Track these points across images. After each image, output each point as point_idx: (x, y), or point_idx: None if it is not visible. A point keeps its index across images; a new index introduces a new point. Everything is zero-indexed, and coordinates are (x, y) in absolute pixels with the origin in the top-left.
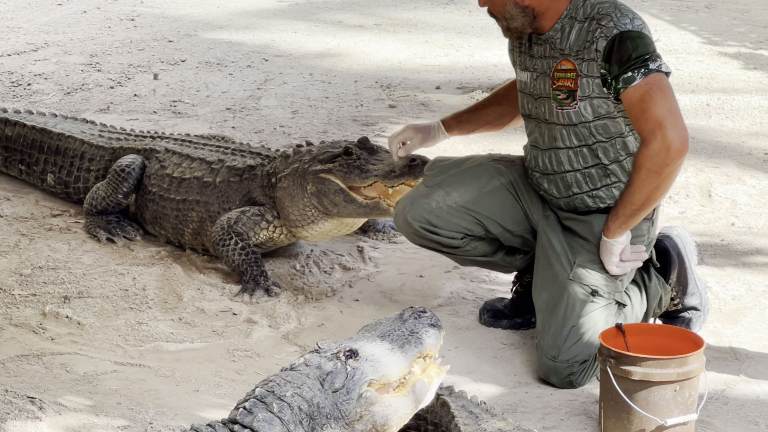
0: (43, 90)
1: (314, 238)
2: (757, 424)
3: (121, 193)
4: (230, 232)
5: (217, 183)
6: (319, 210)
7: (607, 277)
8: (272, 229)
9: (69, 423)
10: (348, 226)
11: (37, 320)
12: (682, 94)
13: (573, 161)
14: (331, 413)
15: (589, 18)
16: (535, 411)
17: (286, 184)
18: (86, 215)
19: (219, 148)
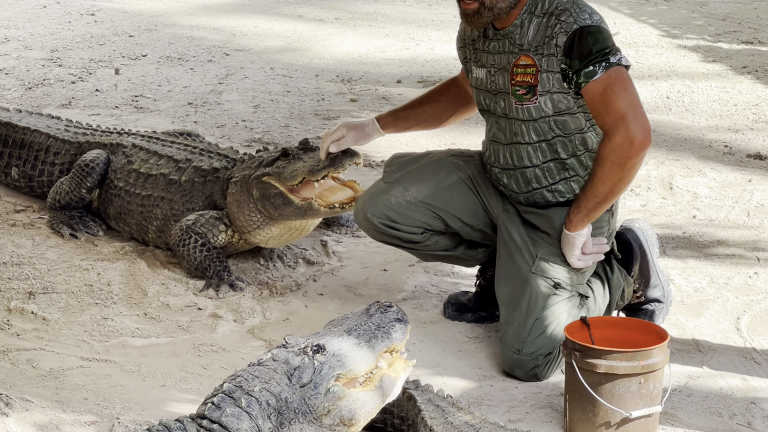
0: (4, 85)
1: (267, 243)
2: (721, 416)
3: (85, 187)
4: (189, 232)
5: (182, 182)
6: (264, 215)
7: (569, 270)
8: (230, 233)
9: (36, 419)
10: (297, 230)
11: (2, 316)
12: (642, 87)
13: (533, 157)
14: (299, 408)
15: (547, 13)
16: (501, 404)
17: (235, 190)
18: (50, 210)
19: (187, 147)
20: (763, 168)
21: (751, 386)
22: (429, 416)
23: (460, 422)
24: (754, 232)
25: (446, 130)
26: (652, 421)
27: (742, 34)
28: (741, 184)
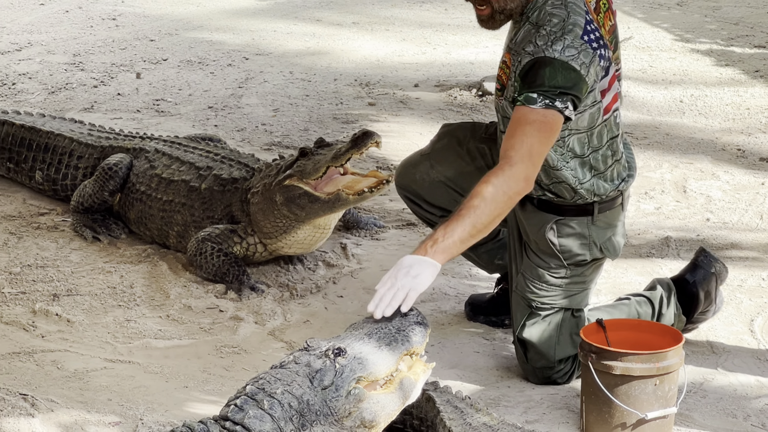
0: (28, 89)
1: (291, 249)
2: (735, 417)
3: (108, 190)
4: (205, 241)
5: (202, 189)
6: (290, 218)
7: (548, 289)
8: (245, 246)
9: (61, 420)
10: (321, 229)
11: (27, 318)
12: (655, 91)
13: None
14: (320, 410)
15: (536, 24)
16: (518, 405)
17: (257, 200)
18: (73, 213)
19: (209, 154)
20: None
21: (765, 387)
22: (448, 417)
23: (479, 423)
24: (767, 235)
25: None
26: (668, 422)
27: (755, 38)
28: (754, 188)
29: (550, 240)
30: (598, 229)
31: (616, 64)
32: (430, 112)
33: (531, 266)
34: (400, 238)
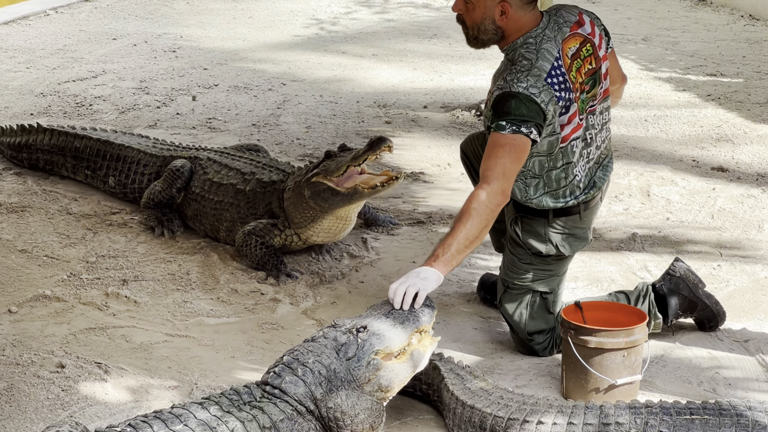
0: (102, 110)
1: (320, 237)
2: (690, 383)
3: (175, 188)
4: (250, 235)
5: (247, 191)
6: (316, 209)
7: (522, 273)
8: (284, 237)
9: (129, 384)
10: (342, 220)
11: (101, 299)
12: (624, 112)
13: None
14: (344, 377)
15: (510, 61)
16: (509, 373)
17: (290, 196)
18: (144, 208)
19: (252, 161)
20: (725, 178)
21: (715, 359)
22: (451, 383)
23: (476, 388)
24: (717, 232)
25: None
26: (634, 387)
27: (707, 68)
28: (706, 192)
29: (515, 231)
30: (554, 231)
31: (593, 100)
32: (436, 129)
33: (507, 251)
34: (411, 234)
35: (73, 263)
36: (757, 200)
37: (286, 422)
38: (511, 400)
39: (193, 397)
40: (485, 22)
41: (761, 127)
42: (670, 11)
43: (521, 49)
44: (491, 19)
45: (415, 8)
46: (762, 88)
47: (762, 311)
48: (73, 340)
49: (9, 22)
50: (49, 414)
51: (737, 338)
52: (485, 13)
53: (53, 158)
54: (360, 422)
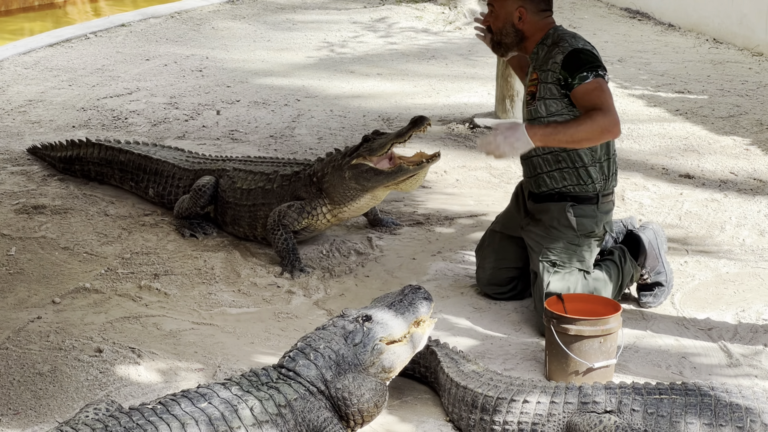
0: (136, 123)
1: (354, 212)
2: (660, 366)
3: (199, 205)
4: (279, 223)
5: (274, 188)
6: (358, 189)
7: (566, 254)
8: (312, 217)
9: (160, 366)
10: (376, 199)
11: (135, 291)
12: None
13: (538, 148)
14: (352, 361)
15: (553, 43)
16: (498, 357)
17: (330, 178)
18: (175, 218)
19: (273, 162)
20: (691, 184)
21: (682, 345)
22: (446, 366)
23: (469, 370)
24: (684, 231)
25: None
26: (610, 370)
27: (676, 86)
28: (675, 197)
29: (569, 218)
30: (601, 212)
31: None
32: (434, 141)
33: (553, 240)
34: (411, 234)
35: (110, 259)
36: (720, 204)
37: (299, 401)
38: (500, 381)
39: (217, 378)
40: (506, 26)
41: (723, 138)
42: (643, 35)
43: (558, 32)
44: (511, 24)
45: (416, 33)
46: (724, 104)
47: (724, 303)
48: (110, 327)
49: (53, 44)
50: (88, 393)
51: (702, 327)
52: (506, 18)
53: (103, 170)
54: (366, 401)
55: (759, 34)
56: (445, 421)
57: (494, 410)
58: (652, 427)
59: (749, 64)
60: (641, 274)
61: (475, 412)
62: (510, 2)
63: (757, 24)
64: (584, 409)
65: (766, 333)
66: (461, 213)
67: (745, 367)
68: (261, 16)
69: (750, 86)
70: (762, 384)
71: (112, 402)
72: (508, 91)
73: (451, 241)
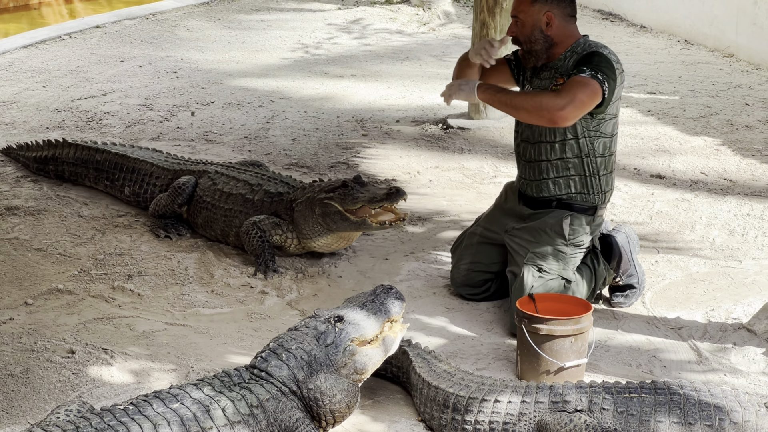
0: (111, 124)
1: (320, 248)
2: (630, 365)
3: (177, 203)
4: (255, 226)
5: (255, 200)
6: (323, 226)
7: (553, 261)
8: (284, 238)
9: (132, 367)
10: (344, 240)
11: (108, 292)
12: None
13: (549, 153)
14: (324, 362)
15: (581, 52)
16: (470, 357)
17: (301, 208)
18: (151, 217)
19: (258, 174)
20: (662, 185)
21: (652, 344)
22: (418, 366)
23: (441, 370)
24: (655, 231)
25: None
26: (581, 370)
27: (647, 87)
28: (646, 197)
29: (564, 227)
30: (595, 224)
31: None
32: (407, 141)
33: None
34: (384, 234)
35: (84, 260)
36: (691, 204)
37: (271, 401)
38: (471, 381)
39: (190, 379)
40: (534, 32)
41: (694, 139)
42: (615, 37)
43: (589, 42)
44: (539, 30)
45: (390, 34)
46: (695, 104)
47: (694, 302)
48: (83, 328)
49: (28, 46)
50: (60, 394)
51: (672, 326)
52: (534, 24)
53: (78, 170)
54: (337, 402)
55: (729, 35)
56: (417, 421)
57: (466, 410)
58: (622, 425)
59: (720, 65)
60: (614, 276)
61: (446, 411)
62: (536, 8)
63: (728, 25)
64: (555, 408)
65: (735, 332)
66: (434, 213)
67: (714, 366)
68: (236, 17)
69: (721, 87)
70: (731, 382)
71: (84, 403)
72: None
73: (424, 241)
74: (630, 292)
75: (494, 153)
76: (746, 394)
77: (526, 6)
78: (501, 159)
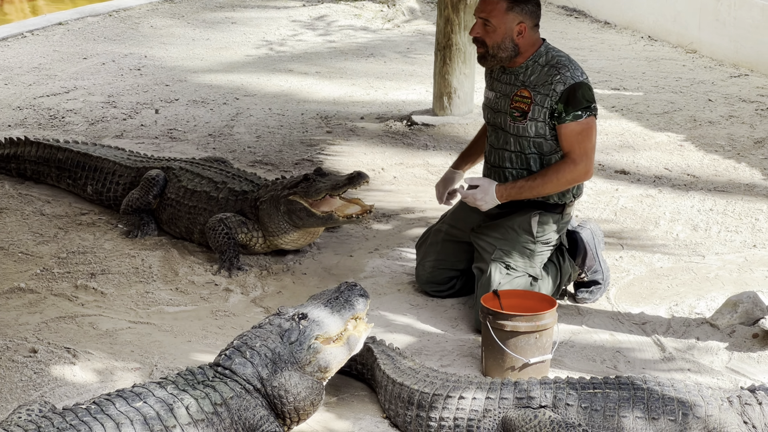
0: (74, 122)
1: (287, 245)
2: (594, 361)
3: (151, 195)
4: (221, 223)
5: (219, 198)
6: (290, 223)
7: (521, 259)
8: (249, 236)
9: (96, 366)
10: (310, 235)
11: (70, 291)
12: None
13: (513, 161)
14: (288, 359)
15: (548, 65)
16: (435, 354)
17: (266, 207)
18: (123, 214)
19: (223, 171)
20: (626, 180)
21: (617, 340)
22: (382, 363)
23: (405, 367)
24: (619, 227)
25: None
26: (545, 366)
27: (612, 83)
28: (610, 192)
29: (532, 225)
30: (563, 222)
31: None
32: (372, 138)
33: (509, 243)
34: (348, 230)
35: (46, 259)
36: (655, 199)
37: (235, 399)
38: (436, 377)
39: (154, 377)
40: (505, 41)
41: (658, 134)
42: (580, 33)
43: (551, 53)
44: (510, 38)
45: (355, 31)
46: (659, 100)
47: (658, 297)
48: (45, 327)
49: None
50: (22, 394)
51: (636, 321)
52: (506, 33)
53: (40, 168)
54: (302, 399)
55: (692, 31)
56: (382, 418)
57: (430, 407)
58: (587, 421)
59: (683, 61)
60: (579, 273)
61: (411, 408)
62: (511, 17)
63: (691, 21)
64: (520, 404)
65: (699, 327)
66: (399, 210)
67: (677, 361)
68: (200, 14)
69: (684, 83)
70: (694, 377)
71: (46, 403)
72: (445, 89)
73: (389, 238)
74: (595, 287)
75: (459, 149)
76: (709, 389)
77: (500, 13)
78: None
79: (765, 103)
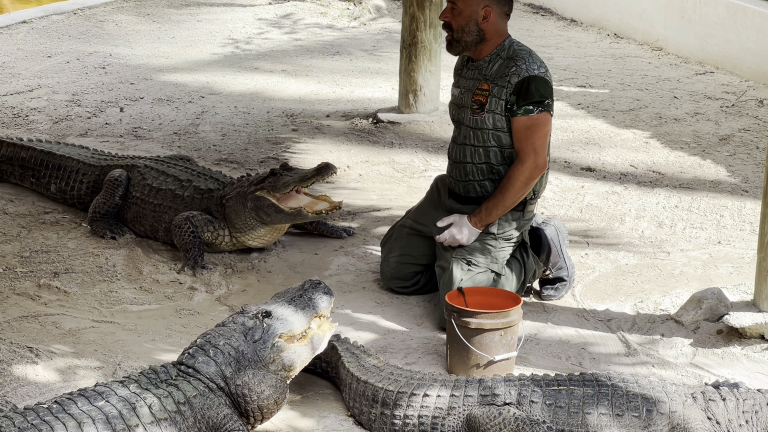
0: (37, 120)
1: (254, 242)
2: (560, 358)
3: (117, 196)
4: (188, 221)
5: (185, 196)
6: (257, 220)
7: (481, 254)
8: (215, 235)
9: (58, 365)
10: (278, 231)
11: (33, 290)
12: None
13: (474, 156)
14: (252, 358)
15: (509, 57)
16: (400, 351)
17: (232, 204)
18: (91, 222)
19: (188, 170)
20: (592, 177)
21: (582, 337)
22: (347, 361)
23: (370, 365)
24: (585, 224)
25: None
26: (511, 363)
27: (578, 80)
28: (576, 189)
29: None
30: (524, 219)
31: None
32: (337, 136)
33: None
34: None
35: (9, 258)
36: (620, 196)
37: (198, 398)
38: (400, 375)
39: (117, 376)
40: (470, 23)
41: (624, 132)
42: (546, 30)
43: (514, 46)
44: (475, 22)
45: (321, 29)
46: (625, 98)
47: (623, 294)
48: (7, 327)
49: None
50: None
51: (601, 318)
52: (470, 16)
53: (2, 167)
54: (265, 398)
55: (658, 28)
56: (347, 416)
57: (395, 404)
58: (551, 418)
59: (649, 58)
60: (543, 269)
61: (375, 406)
62: (477, 0)
63: (657, 19)
64: (484, 401)
65: (663, 323)
66: (364, 208)
67: (642, 357)
68: (165, 12)
69: (650, 80)
70: (659, 373)
71: (7, 402)
72: (411, 86)
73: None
74: (560, 284)
75: (424, 147)
76: (673, 385)
77: None
78: (431, 153)
79: (730, 101)
